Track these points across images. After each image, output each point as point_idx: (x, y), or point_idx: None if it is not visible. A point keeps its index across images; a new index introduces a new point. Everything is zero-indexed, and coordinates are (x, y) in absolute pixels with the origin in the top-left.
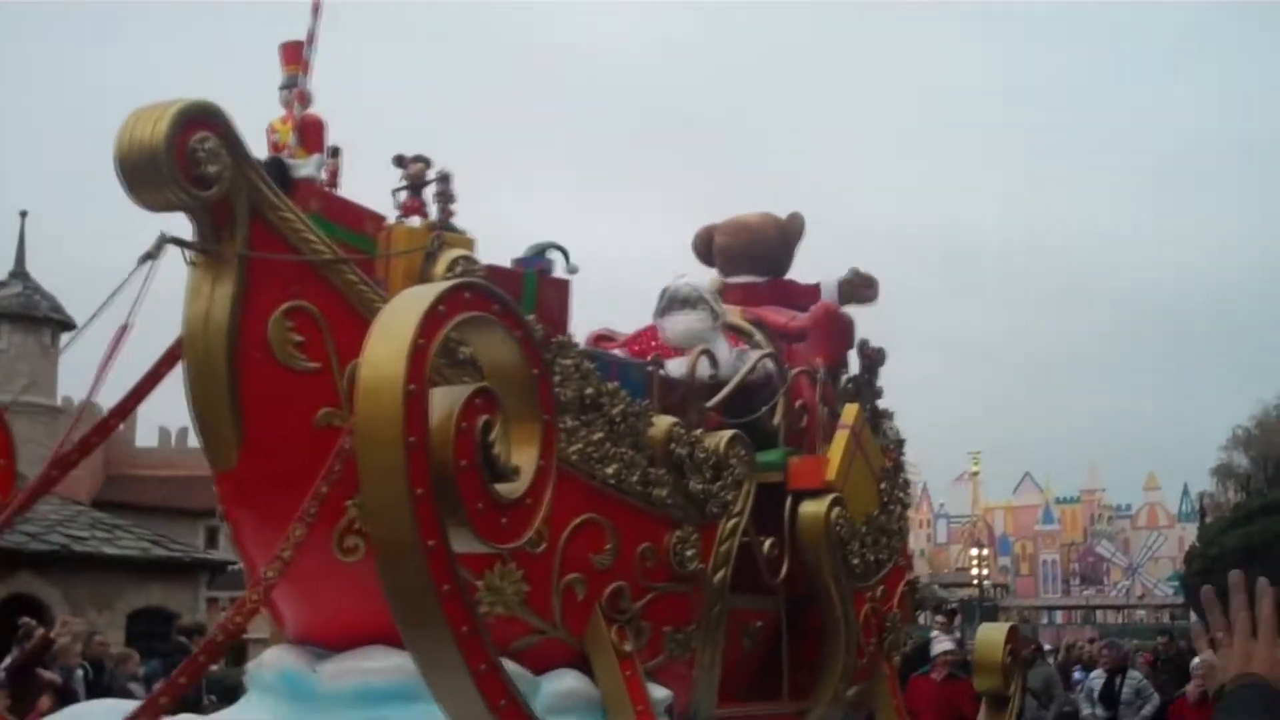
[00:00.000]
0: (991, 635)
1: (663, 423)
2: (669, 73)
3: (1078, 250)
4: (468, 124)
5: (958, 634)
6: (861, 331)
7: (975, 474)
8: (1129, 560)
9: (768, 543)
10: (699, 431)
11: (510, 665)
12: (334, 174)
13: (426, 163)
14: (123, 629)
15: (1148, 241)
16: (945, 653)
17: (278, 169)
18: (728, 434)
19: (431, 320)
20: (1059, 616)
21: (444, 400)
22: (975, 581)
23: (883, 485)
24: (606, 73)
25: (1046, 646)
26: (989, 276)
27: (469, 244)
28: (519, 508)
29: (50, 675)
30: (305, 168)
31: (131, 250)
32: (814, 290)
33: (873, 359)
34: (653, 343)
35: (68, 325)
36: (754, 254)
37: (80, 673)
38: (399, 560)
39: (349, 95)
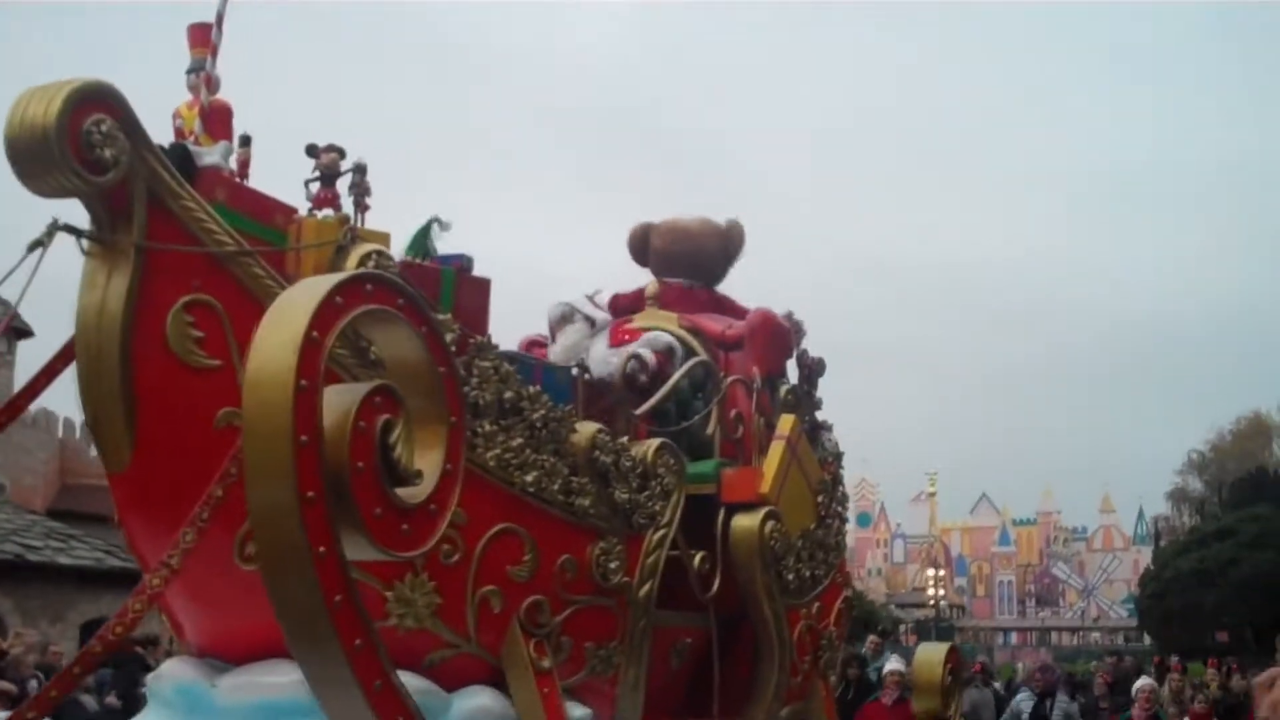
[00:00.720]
0: (930, 655)
1: (586, 429)
2: (641, 80)
3: (1035, 272)
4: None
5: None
6: (813, 346)
7: (932, 494)
8: (1084, 582)
9: (699, 557)
10: (625, 439)
11: (420, 682)
12: (245, 164)
13: (340, 153)
14: (75, 639)
15: (1105, 264)
16: (894, 673)
17: (181, 156)
18: (656, 442)
19: (326, 312)
20: (1014, 638)
21: (341, 398)
22: (931, 602)
23: (820, 499)
24: (571, 78)
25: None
26: (947, 297)
27: (384, 239)
28: (422, 514)
29: (5, 685)
30: (210, 155)
31: (22, 238)
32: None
33: (812, 369)
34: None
35: None
36: (693, 262)
37: (34, 683)
38: (286, 568)
39: (289, 92)
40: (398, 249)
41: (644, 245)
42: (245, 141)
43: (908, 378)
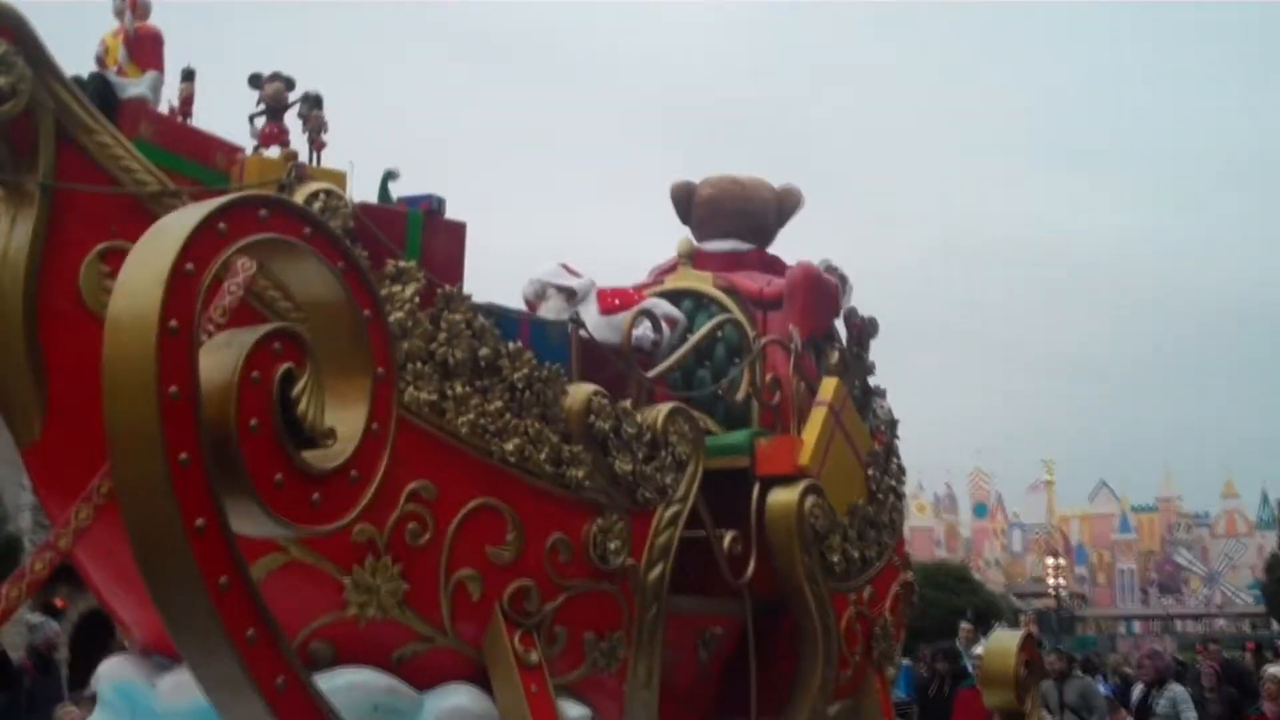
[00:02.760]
0: (1002, 644)
1: (581, 391)
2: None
3: (1151, 255)
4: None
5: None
6: (909, 329)
7: (1050, 482)
8: (1208, 569)
9: (728, 537)
10: (627, 403)
11: (386, 679)
12: (188, 101)
13: (287, 83)
14: None
15: (1223, 245)
16: (978, 657)
17: (100, 87)
18: (667, 407)
19: (204, 240)
20: (1137, 627)
21: (228, 346)
22: (1051, 591)
23: (870, 472)
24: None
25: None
26: (1063, 285)
27: (338, 178)
28: (338, 481)
29: None
30: (135, 87)
31: None
32: None
33: (862, 329)
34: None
35: None
36: (741, 212)
37: None
38: (157, 546)
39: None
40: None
41: (688, 200)
42: (188, 76)
43: (1024, 366)
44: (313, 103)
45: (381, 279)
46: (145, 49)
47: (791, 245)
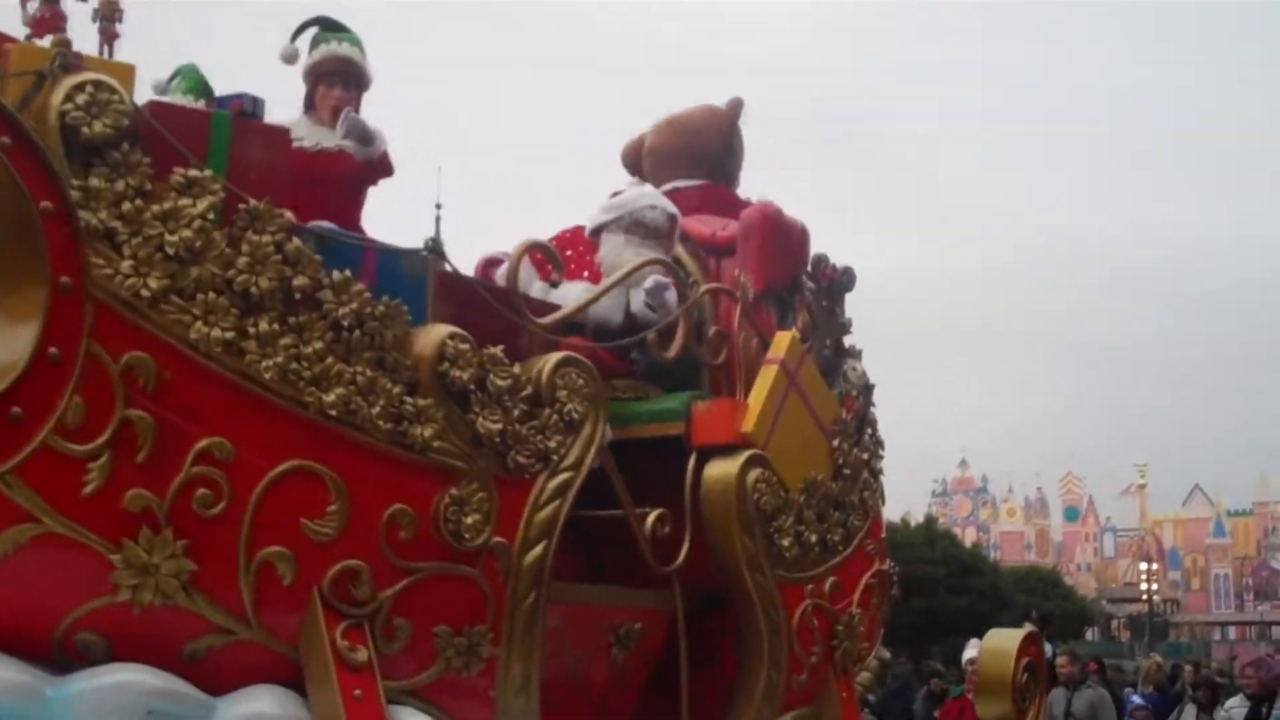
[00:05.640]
0: (999, 645)
1: (433, 333)
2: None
3: (1247, 256)
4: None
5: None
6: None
7: (1142, 486)
8: None
9: (652, 516)
10: (496, 349)
11: (163, 680)
12: None
13: None
14: None
15: None
16: (971, 662)
17: None
18: (556, 356)
19: None
20: (1232, 632)
21: None
22: (1144, 597)
23: (836, 443)
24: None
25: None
26: (1152, 283)
27: (124, 72)
28: None
29: None
30: None
31: None
32: None
33: (833, 280)
34: (586, 256)
35: None
36: (684, 148)
37: None
38: None
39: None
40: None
41: (638, 154)
42: None
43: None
44: None
45: (166, 190)
46: None
47: (865, 238)
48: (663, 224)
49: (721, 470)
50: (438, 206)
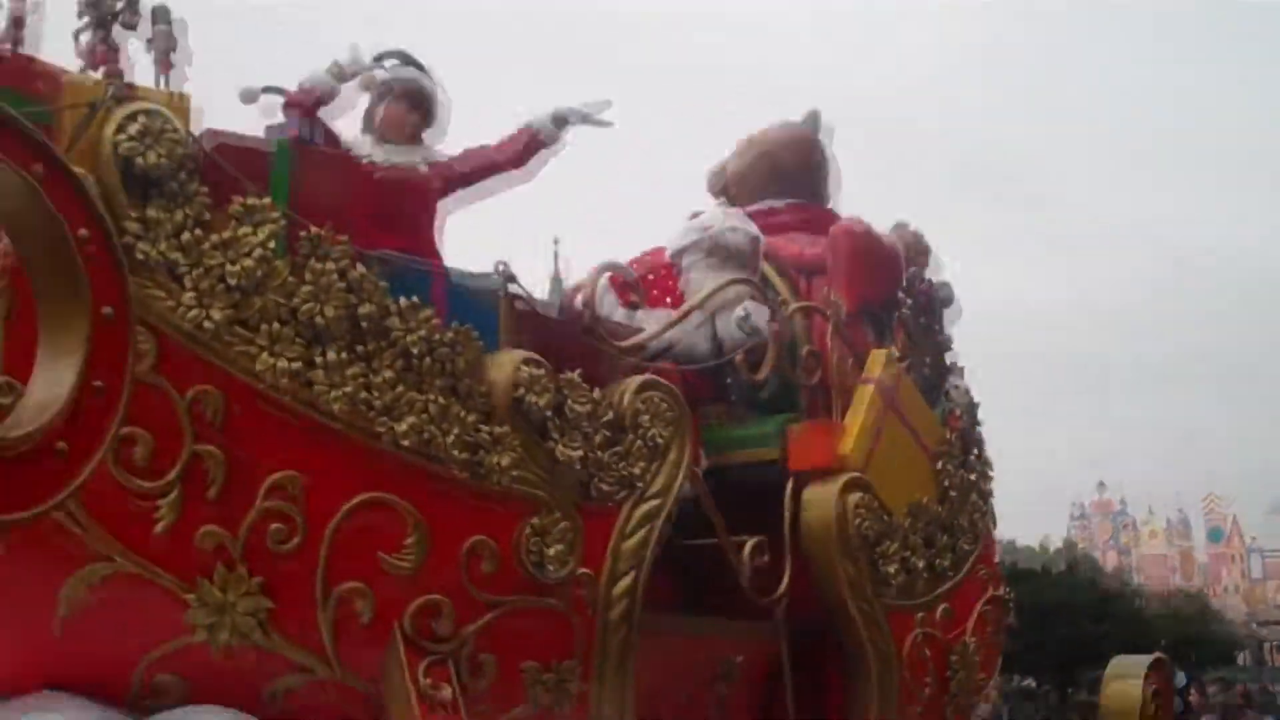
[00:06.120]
0: (1124, 673)
1: (507, 359)
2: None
3: None
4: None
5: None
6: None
7: None
8: None
9: (749, 544)
10: (574, 374)
11: None
12: (18, 22)
13: None
14: None
15: None
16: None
17: None
18: (637, 380)
19: None
20: None
21: None
22: None
23: (941, 465)
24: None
25: None
26: None
27: (181, 102)
28: (33, 455)
29: None
30: None
31: None
32: None
33: (931, 297)
34: (669, 280)
35: None
36: (770, 169)
37: None
38: None
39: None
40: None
41: (724, 181)
42: None
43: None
44: (161, 16)
45: (226, 219)
46: None
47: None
48: (745, 246)
49: (820, 495)
50: (555, 241)
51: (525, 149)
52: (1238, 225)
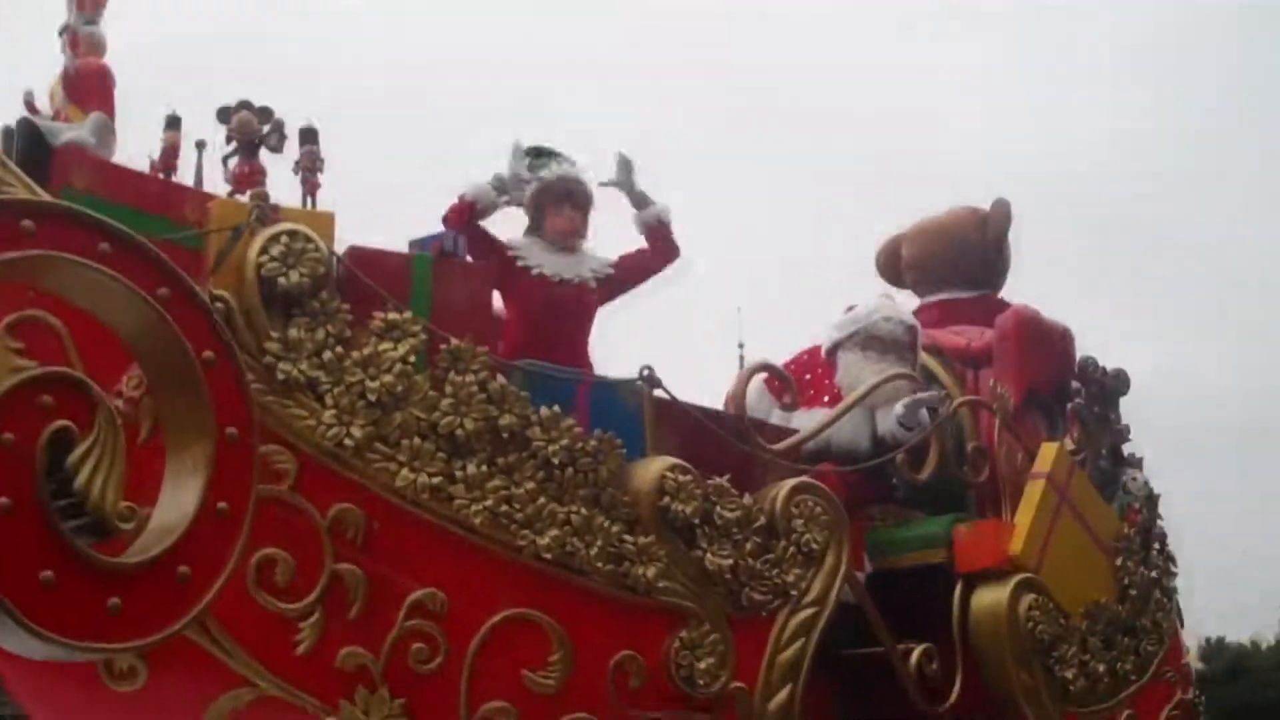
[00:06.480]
0: None
1: (650, 467)
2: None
3: None
4: None
5: None
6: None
7: None
8: None
9: (917, 652)
10: (722, 480)
11: None
12: (173, 150)
13: (259, 112)
14: None
15: None
16: None
17: (28, 134)
18: (789, 483)
19: None
20: None
21: None
22: None
23: (1120, 561)
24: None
25: None
26: None
27: (322, 221)
28: (154, 579)
29: None
30: (72, 131)
31: None
32: None
33: (1105, 385)
34: (826, 379)
35: None
36: (946, 261)
37: None
38: None
39: None
40: (357, 234)
41: (895, 262)
42: (173, 123)
43: None
44: (309, 137)
45: (367, 335)
46: (88, 88)
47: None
48: (901, 336)
49: (991, 598)
50: (740, 346)
51: (669, 245)
52: None
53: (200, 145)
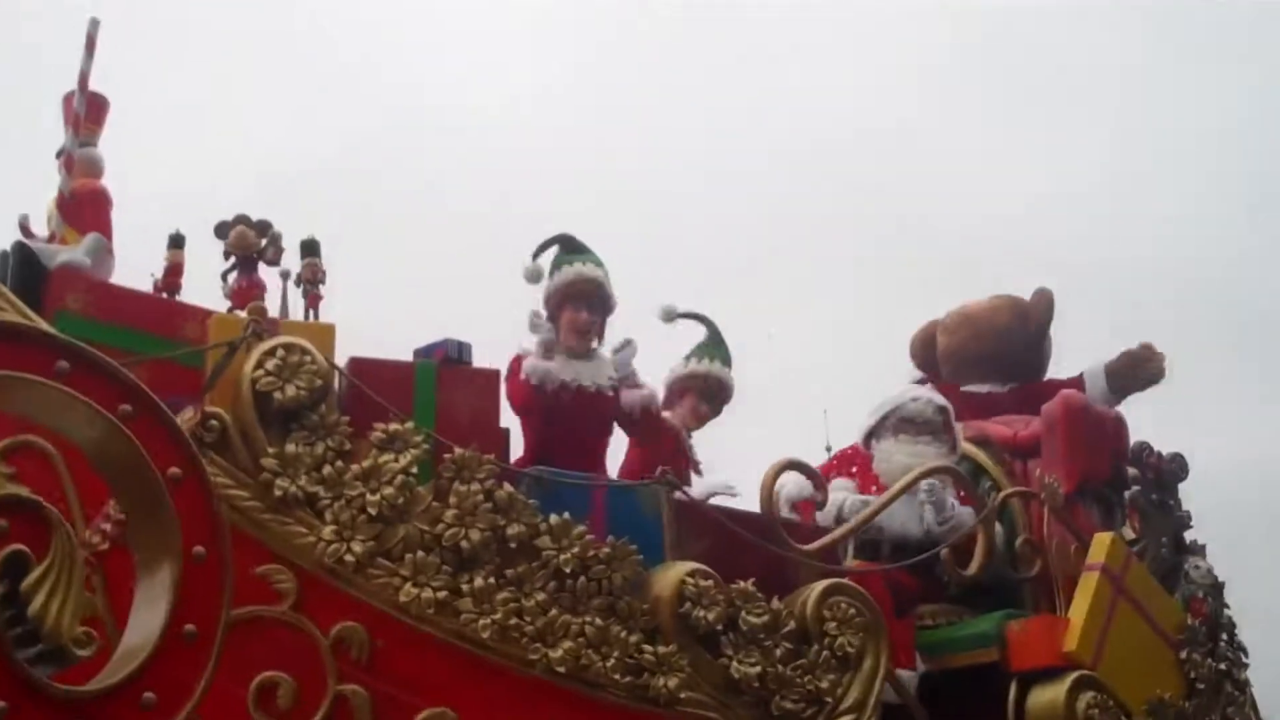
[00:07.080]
0: None
1: (669, 573)
2: None
3: None
4: None
5: None
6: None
7: None
8: None
9: None
10: (747, 584)
11: None
12: (176, 269)
13: (257, 227)
14: None
15: None
16: None
17: (21, 257)
18: (821, 585)
19: None
20: None
21: None
22: None
23: (1185, 654)
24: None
25: None
26: None
27: (321, 333)
28: (116, 706)
29: None
30: (66, 254)
31: None
32: (1074, 385)
33: (1162, 471)
34: (870, 471)
35: None
36: (984, 353)
37: None
38: None
39: None
40: (357, 347)
41: (931, 350)
42: (176, 242)
43: None
44: (310, 250)
45: (367, 447)
46: (82, 210)
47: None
48: (932, 416)
49: (1047, 697)
50: (828, 449)
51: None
52: None
53: (285, 275)
